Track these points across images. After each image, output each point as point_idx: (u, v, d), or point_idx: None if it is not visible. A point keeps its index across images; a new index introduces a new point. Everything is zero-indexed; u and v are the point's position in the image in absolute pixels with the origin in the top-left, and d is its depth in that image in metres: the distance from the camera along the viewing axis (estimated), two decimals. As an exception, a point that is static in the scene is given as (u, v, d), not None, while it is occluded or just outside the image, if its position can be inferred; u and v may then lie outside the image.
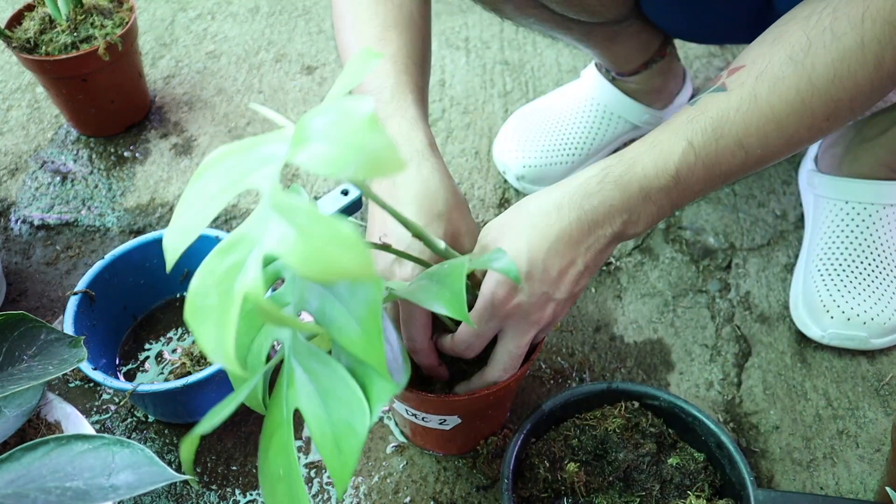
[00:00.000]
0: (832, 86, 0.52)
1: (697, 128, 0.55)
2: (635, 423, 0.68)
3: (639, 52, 0.95)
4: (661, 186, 0.56)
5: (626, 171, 0.57)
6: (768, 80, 0.53)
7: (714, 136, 0.54)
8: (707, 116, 0.55)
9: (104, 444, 0.56)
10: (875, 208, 0.84)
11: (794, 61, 0.52)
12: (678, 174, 0.55)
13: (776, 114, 0.53)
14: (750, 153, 0.54)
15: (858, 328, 0.79)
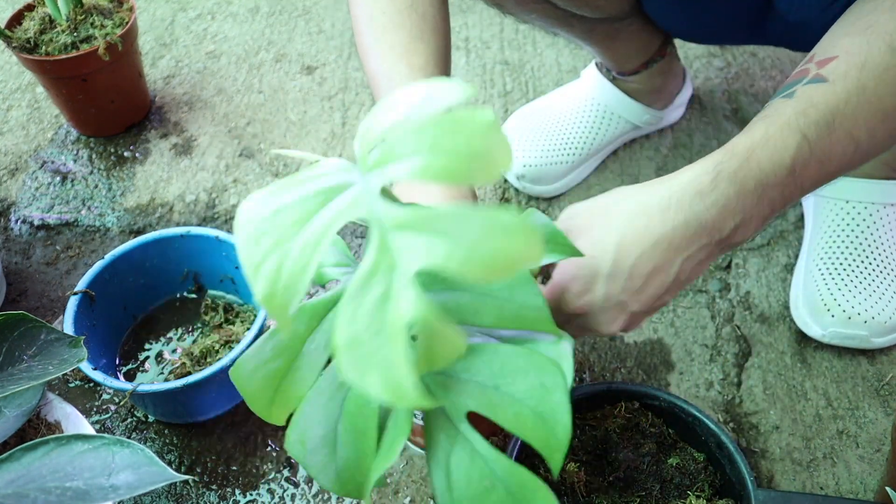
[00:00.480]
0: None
1: (811, 121, 0.52)
2: (635, 423, 0.68)
3: (639, 52, 0.95)
4: (776, 182, 0.52)
5: (742, 167, 0.52)
6: (873, 70, 0.51)
7: (828, 130, 0.51)
8: (818, 109, 0.52)
9: (104, 444, 0.56)
10: (875, 207, 0.84)
11: (894, 50, 0.50)
12: (794, 168, 0.52)
13: (884, 105, 0.51)
14: (859, 146, 0.52)
15: (859, 327, 0.79)
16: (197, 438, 0.79)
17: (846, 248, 0.84)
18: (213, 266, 0.85)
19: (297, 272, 0.33)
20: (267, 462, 0.77)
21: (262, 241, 0.33)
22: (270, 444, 0.78)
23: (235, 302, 0.87)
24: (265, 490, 0.75)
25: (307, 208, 0.35)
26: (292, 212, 0.34)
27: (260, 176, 1.06)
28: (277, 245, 0.33)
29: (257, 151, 1.09)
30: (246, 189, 1.04)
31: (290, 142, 1.10)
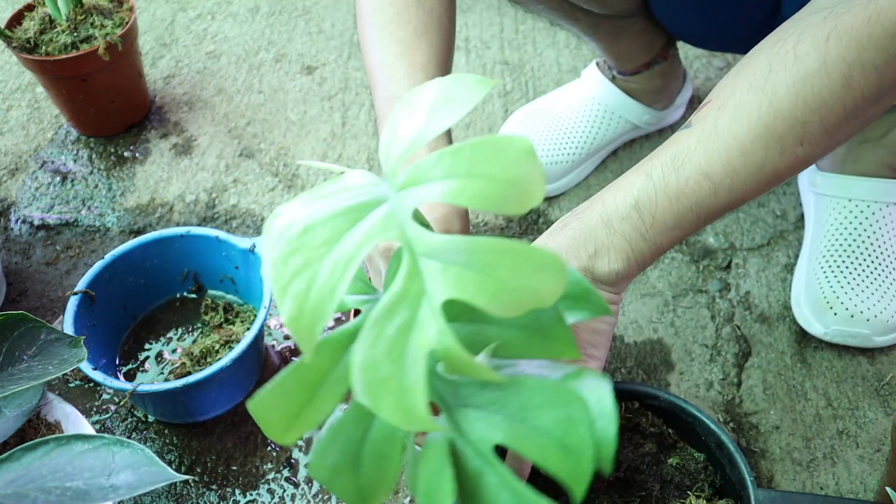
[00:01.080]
0: (796, 108, 0.50)
1: (657, 162, 0.55)
2: (635, 423, 0.68)
3: (642, 51, 0.95)
4: (622, 216, 0.55)
5: (589, 206, 0.58)
6: (729, 109, 0.52)
7: (673, 167, 0.53)
8: (667, 151, 0.55)
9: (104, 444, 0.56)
10: (878, 206, 0.84)
11: (754, 87, 0.51)
12: (638, 205, 0.54)
13: (739, 141, 0.51)
14: (718, 184, 0.52)
15: (861, 325, 0.79)
16: (197, 438, 0.79)
17: (848, 247, 0.84)
18: (213, 266, 0.85)
19: (326, 294, 0.33)
20: (267, 462, 0.77)
21: (291, 261, 0.33)
22: (270, 444, 0.78)
23: (235, 302, 0.87)
24: (265, 490, 0.75)
25: (337, 226, 0.34)
26: (322, 230, 0.34)
27: (260, 176, 1.06)
28: (306, 265, 0.33)
29: (257, 151, 1.09)
30: (246, 189, 1.04)
31: (289, 142, 1.10)
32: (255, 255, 0.80)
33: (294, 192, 1.03)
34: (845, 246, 0.84)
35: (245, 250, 0.81)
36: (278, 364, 0.85)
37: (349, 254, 0.33)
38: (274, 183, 1.05)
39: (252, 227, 0.99)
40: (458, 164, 0.34)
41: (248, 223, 1.00)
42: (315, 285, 0.33)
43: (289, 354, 0.85)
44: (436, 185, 0.34)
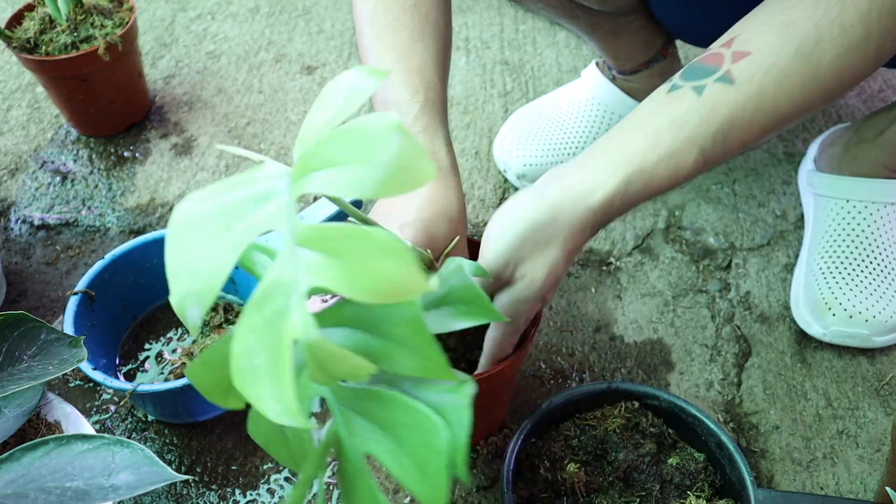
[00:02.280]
0: (834, 81, 0.52)
1: (709, 133, 0.54)
2: (635, 423, 0.68)
3: (641, 50, 0.95)
4: (663, 187, 0.56)
5: (646, 182, 0.55)
6: (776, 76, 0.52)
7: (723, 140, 0.54)
8: (718, 120, 0.54)
9: (104, 444, 0.56)
10: (876, 207, 0.84)
11: (801, 55, 0.52)
12: (687, 177, 0.55)
13: (779, 112, 0.53)
14: (746, 146, 0.55)
15: (860, 326, 0.79)
16: (197, 438, 0.79)
17: (847, 248, 0.84)
18: (213, 266, 0.85)
19: (209, 281, 0.33)
20: (267, 462, 0.77)
21: (187, 246, 0.34)
22: (270, 444, 0.78)
23: (235, 302, 0.87)
24: (265, 490, 0.75)
25: (234, 215, 0.35)
26: (219, 218, 0.35)
27: (260, 176, 1.06)
28: (199, 250, 0.34)
29: (257, 151, 1.09)
30: (246, 189, 1.04)
31: (289, 142, 1.10)
32: (255, 255, 0.80)
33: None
34: (843, 247, 0.84)
35: (245, 250, 0.81)
36: (278, 364, 0.85)
37: (236, 241, 0.34)
38: (274, 183, 1.05)
39: (252, 227, 0.99)
40: (330, 153, 0.35)
41: (248, 223, 1.00)
42: (203, 271, 0.33)
43: (289, 354, 0.85)
44: (315, 176, 0.35)
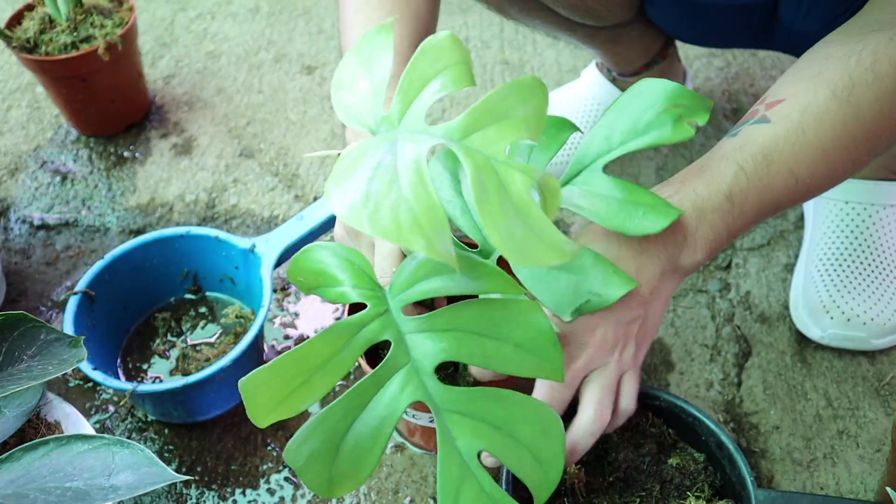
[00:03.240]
0: (875, 123, 0.54)
1: (747, 154, 0.55)
2: (635, 423, 0.68)
3: (641, 54, 0.95)
4: (714, 207, 0.55)
5: (676, 192, 0.55)
6: (814, 114, 0.54)
7: (765, 162, 0.55)
8: (756, 144, 0.55)
9: (104, 444, 0.56)
10: (875, 209, 0.84)
11: (837, 98, 0.54)
12: (731, 195, 0.55)
13: (824, 146, 0.54)
14: (800, 181, 0.55)
15: (858, 328, 0.79)
16: (197, 438, 0.79)
17: (845, 250, 0.84)
18: (213, 266, 0.85)
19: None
20: (267, 462, 0.77)
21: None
22: (270, 444, 0.78)
23: (235, 302, 0.87)
24: (265, 490, 0.75)
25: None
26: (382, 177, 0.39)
27: (260, 176, 1.06)
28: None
29: (257, 151, 1.09)
30: (246, 189, 1.04)
31: (289, 142, 1.10)
32: (254, 255, 0.80)
33: (294, 191, 1.03)
34: (842, 249, 0.84)
35: (245, 250, 0.81)
36: (278, 364, 0.85)
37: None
38: (274, 183, 1.05)
39: (252, 227, 0.99)
40: (501, 107, 0.39)
41: (248, 223, 1.00)
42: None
43: (289, 354, 0.86)
44: (488, 128, 0.40)
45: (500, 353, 0.45)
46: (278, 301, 0.90)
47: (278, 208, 1.02)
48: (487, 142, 0.40)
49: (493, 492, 0.42)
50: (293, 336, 0.87)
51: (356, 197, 0.36)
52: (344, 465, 0.43)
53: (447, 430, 0.44)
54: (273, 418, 0.43)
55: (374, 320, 0.47)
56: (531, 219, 0.38)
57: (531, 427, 0.43)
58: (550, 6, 0.80)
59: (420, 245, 0.34)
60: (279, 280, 0.93)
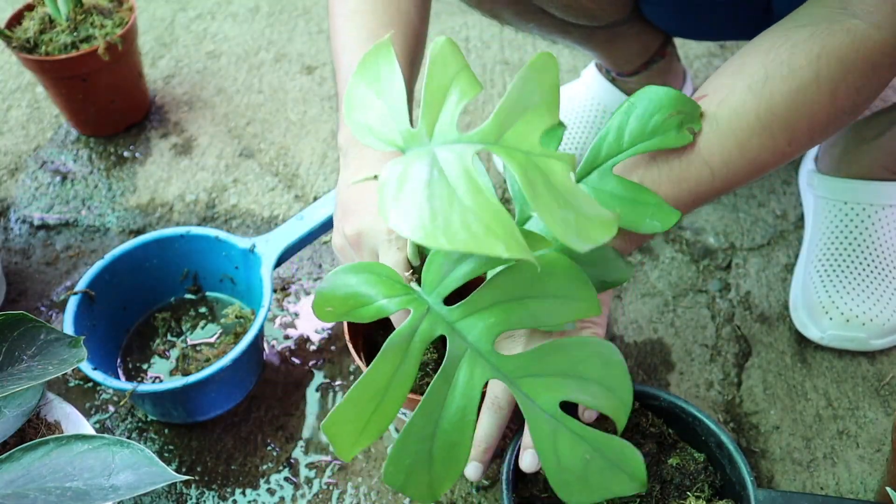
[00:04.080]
0: (790, 113, 0.56)
1: (669, 155, 0.58)
2: (635, 423, 0.68)
3: (639, 53, 0.95)
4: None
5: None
6: (729, 106, 0.56)
7: (677, 154, 0.57)
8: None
9: (104, 444, 0.56)
10: (874, 209, 0.84)
11: (752, 90, 0.56)
12: (642, 185, 0.58)
13: (738, 137, 0.56)
14: (716, 172, 0.57)
15: (858, 329, 0.79)
16: (197, 438, 0.79)
17: (844, 250, 0.84)
18: (212, 266, 0.85)
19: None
20: (267, 462, 0.77)
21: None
22: (270, 444, 0.78)
23: (235, 302, 0.87)
24: (265, 490, 0.75)
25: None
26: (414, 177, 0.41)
27: (260, 176, 1.06)
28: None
29: (257, 151, 1.09)
30: (246, 189, 1.04)
31: (289, 142, 1.10)
32: (254, 255, 0.80)
33: (294, 191, 1.03)
34: (841, 250, 0.84)
35: (245, 250, 0.81)
36: (278, 364, 0.85)
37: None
38: (274, 183, 1.05)
39: (252, 227, 0.99)
40: (527, 99, 0.43)
41: (248, 223, 1.00)
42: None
43: (288, 354, 0.85)
44: (518, 123, 0.43)
45: (544, 308, 0.48)
46: (278, 301, 0.90)
47: (278, 208, 1.02)
48: (521, 137, 0.42)
49: (584, 433, 0.45)
50: (293, 336, 0.87)
51: (423, 217, 0.37)
52: (439, 465, 0.46)
53: (525, 396, 0.46)
54: (358, 449, 0.45)
55: (422, 321, 0.48)
56: (577, 201, 0.40)
57: (593, 363, 0.46)
58: (544, 7, 0.80)
59: (501, 249, 0.36)
60: (279, 280, 0.93)
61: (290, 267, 0.94)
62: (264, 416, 0.80)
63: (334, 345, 0.86)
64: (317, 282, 0.93)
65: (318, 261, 0.95)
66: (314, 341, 0.87)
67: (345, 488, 0.74)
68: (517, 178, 0.39)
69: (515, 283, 0.48)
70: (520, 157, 0.41)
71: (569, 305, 0.48)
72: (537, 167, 0.41)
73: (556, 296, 0.48)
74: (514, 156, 0.41)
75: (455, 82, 0.44)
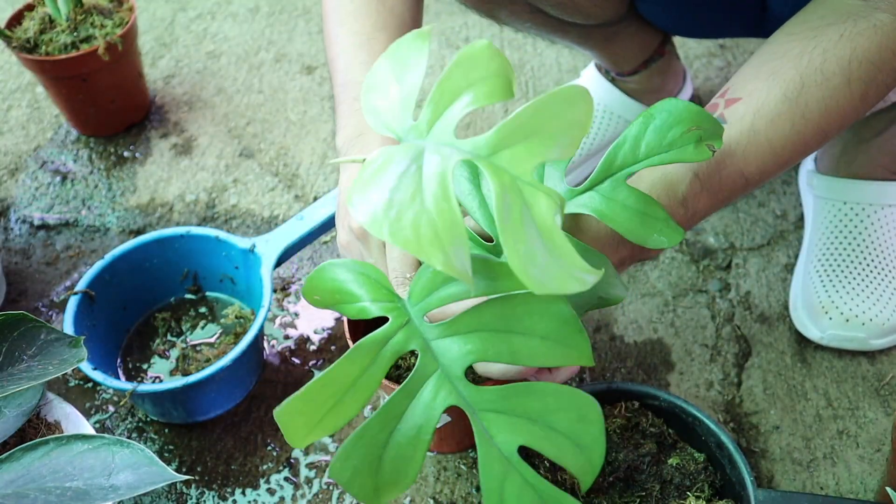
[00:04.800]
0: (823, 120, 0.57)
1: (702, 161, 0.58)
2: (635, 423, 0.68)
3: (637, 52, 0.95)
4: (671, 213, 0.58)
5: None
6: (766, 116, 0.57)
7: (718, 168, 0.58)
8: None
9: (104, 444, 0.56)
10: (873, 209, 0.84)
11: (788, 99, 0.57)
12: (686, 200, 0.59)
13: (773, 146, 0.57)
14: (749, 180, 0.59)
15: (857, 329, 0.79)
16: (197, 438, 0.79)
17: (844, 250, 0.84)
18: (212, 266, 0.85)
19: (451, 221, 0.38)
20: (267, 462, 0.77)
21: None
22: (270, 444, 0.78)
23: (235, 303, 0.87)
24: (265, 490, 0.75)
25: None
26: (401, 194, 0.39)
27: (260, 176, 1.06)
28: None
29: (257, 151, 1.09)
30: (246, 189, 1.04)
31: (289, 142, 1.10)
32: (254, 255, 0.80)
33: (294, 191, 1.03)
34: (840, 250, 0.84)
35: (245, 250, 0.81)
36: (278, 364, 0.85)
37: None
38: (274, 183, 1.05)
39: (252, 227, 0.99)
40: (537, 120, 0.40)
41: (248, 223, 1.00)
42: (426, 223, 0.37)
43: (288, 354, 0.85)
44: (521, 143, 0.41)
45: (527, 347, 0.46)
46: (278, 301, 0.90)
47: (278, 208, 1.02)
48: (516, 160, 0.40)
49: (536, 482, 0.43)
50: (293, 336, 0.87)
51: (378, 205, 0.36)
52: (387, 474, 0.45)
53: (484, 430, 0.45)
54: (310, 440, 0.44)
55: (398, 332, 0.47)
56: (554, 244, 0.38)
57: (568, 415, 0.44)
58: (540, 6, 0.80)
59: (438, 260, 0.35)
60: (279, 280, 0.93)
61: (290, 267, 0.94)
62: (264, 416, 0.80)
63: (334, 345, 0.86)
64: (317, 282, 0.93)
65: (318, 261, 0.95)
66: (314, 341, 0.87)
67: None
68: (494, 197, 0.37)
69: (503, 314, 0.46)
70: (505, 178, 0.39)
71: (557, 350, 0.45)
72: (520, 194, 0.39)
73: (545, 337, 0.46)
74: (500, 175, 0.39)
75: (475, 87, 0.42)
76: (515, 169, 0.40)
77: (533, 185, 0.39)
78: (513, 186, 0.39)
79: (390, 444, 0.45)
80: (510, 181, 0.39)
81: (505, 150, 0.40)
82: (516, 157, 0.40)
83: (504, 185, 0.38)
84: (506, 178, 0.39)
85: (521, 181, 0.39)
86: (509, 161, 0.40)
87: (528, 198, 0.39)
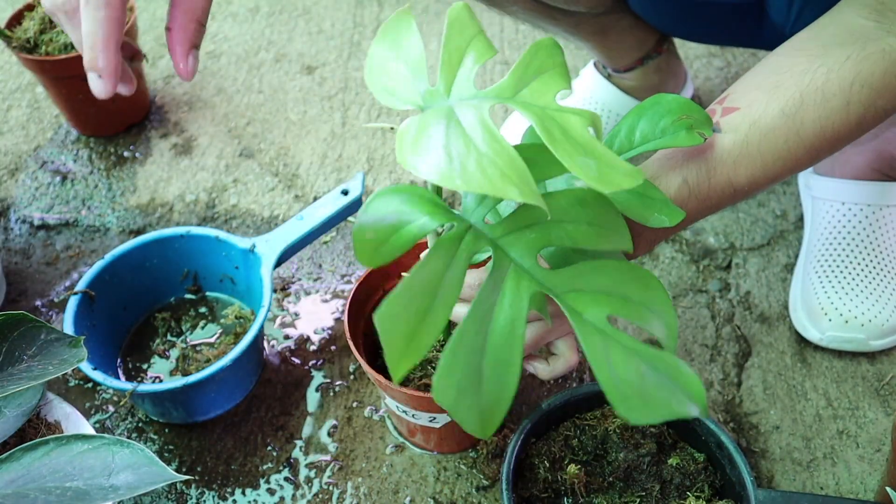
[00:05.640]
0: (817, 139, 0.57)
1: (693, 166, 0.59)
2: (635, 423, 0.68)
3: (633, 48, 0.95)
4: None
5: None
6: (761, 130, 0.57)
7: (707, 175, 0.58)
8: (703, 156, 0.59)
9: (104, 444, 0.56)
10: (871, 209, 0.84)
11: (785, 115, 0.57)
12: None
13: (764, 160, 0.58)
14: (738, 190, 0.59)
15: (857, 330, 0.79)
16: (197, 438, 0.79)
17: (843, 251, 0.84)
18: (212, 266, 0.85)
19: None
20: (267, 462, 0.77)
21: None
22: (270, 444, 0.78)
23: (235, 303, 0.87)
24: (265, 490, 0.75)
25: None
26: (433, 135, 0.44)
27: (260, 176, 1.06)
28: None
29: (257, 151, 1.09)
30: (246, 189, 1.04)
31: (290, 142, 1.10)
32: (254, 255, 0.80)
33: (294, 191, 1.03)
34: (839, 250, 0.84)
35: (245, 250, 0.81)
36: (278, 364, 0.85)
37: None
38: (274, 183, 1.05)
39: (252, 227, 0.99)
40: (539, 62, 0.48)
41: (248, 223, 1.00)
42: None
43: (289, 354, 0.86)
44: (535, 81, 0.48)
45: (579, 232, 0.50)
46: (278, 301, 0.90)
47: (278, 208, 1.02)
48: (538, 94, 0.45)
49: (635, 346, 0.45)
50: (293, 336, 0.87)
51: (441, 162, 0.39)
52: (489, 386, 0.43)
53: (573, 309, 0.46)
54: (405, 365, 0.41)
55: (467, 234, 0.48)
56: (597, 153, 0.42)
57: (636, 285, 0.47)
58: None
59: (515, 193, 0.38)
60: (279, 280, 0.93)
61: (290, 267, 0.94)
62: (264, 416, 0.80)
63: (334, 345, 0.86)
64: (317, 282, 0.93)
65: (318, 261, 0.95)
66: (314, 341, 0.87)
67: (345, 488, 0.74)
68: (535, 127, 0.41)
69: (552, 208, 0.49)
70: (537, 110, 0.43)
71: (603, 235, 0.49)
72: (554, 120, 0.43)
73: (591, 223, 0.49)
74: (532, 109, 0.43)
75: (471, 45, 0.47)
76: (539, 101, 0.45)
77: (561, 109, 0.44)
78: (544, 115, 0.43)
79: (488, 349, 0.44)
80: (540, 111, 0.44)
81: (524, 88, 0.45)
82: (537, 91, 0.45)
83: (538, 115, 0.43)
84: (536, 110, 0.43)
85: (548, 109, 0.44)
86: (531, 96, 0.45)
87: (560, 121, 0.43)
